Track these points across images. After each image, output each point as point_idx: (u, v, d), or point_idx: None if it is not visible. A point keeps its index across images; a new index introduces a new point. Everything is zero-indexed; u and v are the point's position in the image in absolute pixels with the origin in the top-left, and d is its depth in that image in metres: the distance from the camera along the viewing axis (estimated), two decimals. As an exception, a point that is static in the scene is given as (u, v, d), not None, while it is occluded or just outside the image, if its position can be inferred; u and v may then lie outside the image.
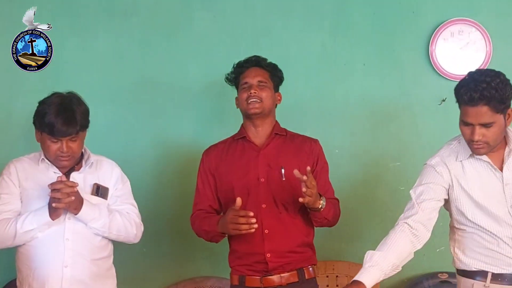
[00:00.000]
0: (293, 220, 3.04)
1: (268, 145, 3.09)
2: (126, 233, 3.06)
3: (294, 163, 3.00)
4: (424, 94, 3.99)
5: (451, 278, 3.85)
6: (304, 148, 3.12)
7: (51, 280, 2.92)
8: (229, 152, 3.13)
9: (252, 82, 3.08)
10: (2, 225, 2.89)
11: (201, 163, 3.19)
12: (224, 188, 3.08)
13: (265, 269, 3.00)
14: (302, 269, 3.04)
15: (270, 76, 3.13)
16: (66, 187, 2.81)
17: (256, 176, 3.03)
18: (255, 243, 2.99)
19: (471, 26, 3.93)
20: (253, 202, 3.00)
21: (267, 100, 3.07)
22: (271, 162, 3.04)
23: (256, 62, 3.15)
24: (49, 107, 2.88)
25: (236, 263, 3.08)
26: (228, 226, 2.89)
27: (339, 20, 4.00)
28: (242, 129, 3.17)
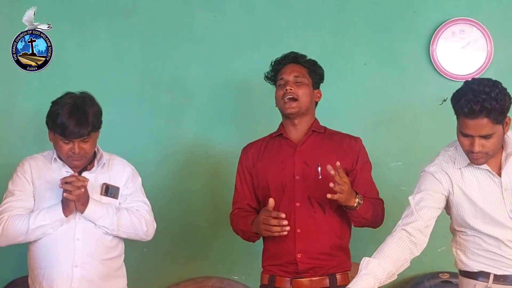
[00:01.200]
0: (328, 221, 2.95)
1: (305, 142, 3.02)
2: (135, 230, 3.05)
3: (332, 160, 2.86)
4: (425, 94, 3.98)
5: (452, 278, 3.85)
6: (343, 145, 3.04)
7: (60, 279, 2.93)
8: (266, 149, 3.07)
9: (288, 78, 2.99)
10: (14, 220, 2.90)
11: (239, 161, 3.14)
12: (261, 186, 3.02)
13: (295, 271, 2.93)
14: (334, 275, 2.95)
15: (308, 72, 3.04)
16: (77, 181, 2.82)
17: (292, 173, 2.96)
18: (286, 242, 2.92)
19: (472, 26, 3.92)
20: (287, 200, 2.94)
21: (304, 97, 2.98)
22: (308, 160, 2.97)
23: (294, 59, 3.06)
24: (62, 108, 2.88)
25: (267, 262, 3.03)
26: (260, 226, 2.86)
27: (340, 20, 4.00)
28: (281, 126, 3.10)
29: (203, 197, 3.95)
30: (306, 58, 3.08)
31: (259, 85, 3.90)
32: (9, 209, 2.94)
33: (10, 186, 3.01)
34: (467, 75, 3.93)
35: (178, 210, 3.94)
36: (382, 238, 3.89)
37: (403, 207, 3.96)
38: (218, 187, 3.89)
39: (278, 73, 3.05)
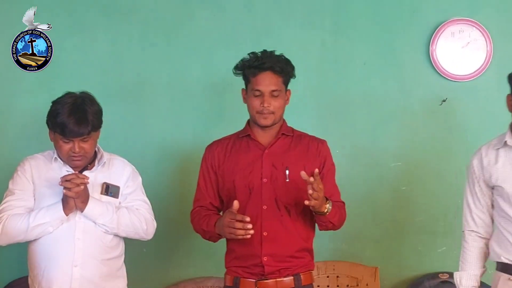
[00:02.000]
0: (294, 224, 2.93)
1: (274, 144, 2.97)
2: (135, 229, 3.05)
3: (300, 164, 2.90)
4: (424, 94, 3.98)
5: (452, 279, 3.84)
6: (311, 149, 3.00)
7: (60, 279, 2.92)
8: (233, 149, 3.02)
9: (265, 90, 2.90)
10: (14, 219, 2.90)
11: (203, 158, 3.09)
12: (226, 187, 2.99)
13: (261, 273, 2.90)
14: (299, 274, 2.93)
15: (283, 81, 2.95)
16: (77, 178, 2.82)
17: (259, 176, 2.93)
18: (252, 245, 2.89)
19: (471, 26, 3.93)
20: (254, 202, 2.91)
21: (279, 111, 2.94)
22: (276, 162, 2.93)
23: (271, 67, 2.90)
24: (62, 107, 2.88)
25: (232, 263, 2.99)
26: (224, 229, 2.82)
27: (340, 19, 4.00)
28: (248, 127, 3.04)
29: (203, 197, 3.95)
30: (281, 64, 2.94)
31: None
32: (9, 208, 2.93)
33: (11, 185, 3.01)
34: (467, 75, 3.94)
35: (178, 210, 3.93)
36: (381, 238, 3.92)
37: (403, 207, 4.00)
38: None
39: (251, 78, 2.93)
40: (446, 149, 3.97)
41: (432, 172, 3.97)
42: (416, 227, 3.97)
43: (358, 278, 3.88)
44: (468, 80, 3.95)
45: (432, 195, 3.97)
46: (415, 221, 3.97)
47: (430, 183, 3.97)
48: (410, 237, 3.97)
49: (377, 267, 3.89)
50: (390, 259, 3.96)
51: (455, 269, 3.89)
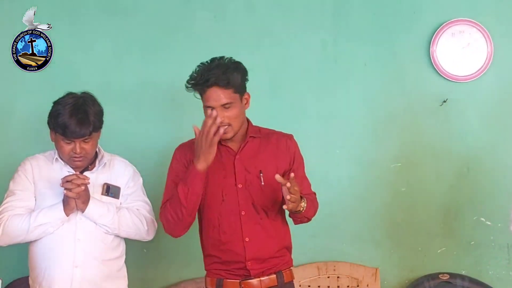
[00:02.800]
0: (273, 224, 2.92)
1: (244, 148, 2.91)
2: (135, 229, 3.05)
3: (272, 164, 2.89)
4: (425, 95, 3.98)
5: (452, 279, 3.86)
6: (280, 147, 2.96)
7: (61, 280, 2.93)
8: None
9: (215, 105, 2.77)
10: (15, 220, 2.90)
11: (174, 157, 2.98)
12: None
13: (246, 274, 2.89)
14: (281, 272, 2.93)
15: (234, 91, 2.81)
16: (78, 179, 2.82)
17: (233, 181, 2.87)
18: (236, 252, 2.86)
19: (472, 27, 3.92)
20: (231, 209, 2.86)
21: (237, 120, 2.83)
22: (248, 166, 2.89)
23: (215, 83, 2.77)
24: (63, 108, 2.89)
25: (214, 267, 2.94)
26: (200, 143, 2.67)
27: (340, 20, 3.99)
28: None
29: (203, 197, 3.95)
30: (227, 75, 2.78)
31: (258, 85, 3.90)
32: (10, 209, 2.94)
33: (11, 186, 3.01)
34: (467, 76, 3.94)
35: (178, 210, 3.94)
36: (381, 239, 3.92)
37: (403, 208, 3.99)
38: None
39: (203, 95, 2.82)
40: (446, 150, 3.96)
41: (432, 173, 3.97)
42: (416, 228, 3.97)
43: (359, 279, 3.88)
44: (469, 81, 3.95)
45: (432, 196, 3.96)
46: (415, 222, 3.96)
47: (430, 184, 3.97)
48: (410, 238, 3.97)
49: (377, 268, 3.89)
50: (390, 260, 3.96)
51: (455, 270, 3.93)
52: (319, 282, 3.87)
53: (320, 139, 3.88)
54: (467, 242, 3.96)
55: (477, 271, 3.92)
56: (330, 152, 3.94)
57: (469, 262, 3.94)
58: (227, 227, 2.87)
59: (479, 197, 3.92)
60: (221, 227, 2.88)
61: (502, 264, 3.93)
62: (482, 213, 3.92)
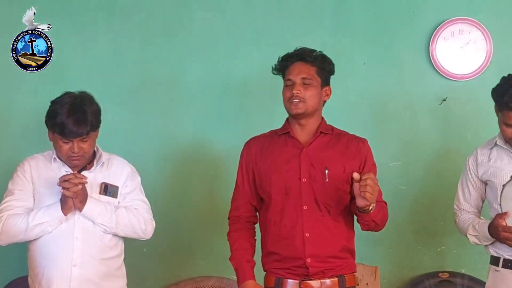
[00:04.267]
0: (335, 224, 2.85)
1: (312, 143, 2.88)
2: (133, 229, 3.05)
3: (339, 163, 2.85)
4: (424, 94, 3.98)
5: (452, 277, 3.86)
6: (351, 148, 2.92)
7: (59, 278, 2.93)
8: (270, 146, 2.93)
9: (295, 79, 2.84)
10: (13, 219, 2.90)
11: (242, 155, 2.99)
12: (264, 185, 2.90)
13: (305, 273, 2.82)
14: (343, 276, 2.85)
15: (316, 71, 2.86)
16: (75, 178, 2.82)
17: (298, 175, 2.84)
18: (295, 247, 2.81)
19: (471, 25, 3.93)
20: (293, 203, 2.83)
21: (311, 99, 2.84)
22: (314, 162, 2.84)
23: (301, 57, 2.87)
24: (61, 107, 2.88)
25: (273, 265, 2.89)
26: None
27: (340, 19, 4.00)
28: (287, 124, 2.95)
29: (203, 196, 3.95)
30: (314, 54, 2.90)
31: (258, 84, 3.92)
32: (8, 208, 2.94)
33: (10, 186, 3.01)
34: (467, 74, 3.94)
35: (178, 209, 3.95)
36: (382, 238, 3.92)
37: (403, 207, 4.00)
38: (217, 187, 3.90)
39: (285, 71, 2.90)
40: (445, 149, 3.97)
41: (431, 171, 3.97)
42: (415, 227, 3.97)
43: (358, 277, 3.81)
44: (468, 80, 3.96)
45: (432, 195, 3.97)
46: (414, 221, 3.97)
47: (429, 182, 3.97)
48: (409, 237, 3.97)
49: (377, 267, 3.88)
50: (390, 259, 3.96)
51: (455, 268, 3.93)
52: (319, 281, 3.87)
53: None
54: (466, 241, 3.93)
55: (477, 270, 3.91)
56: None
57: (468, 261, 3.94)
58: (288, 221, 2.83)
59: (479, 195, 3.92)
60: (283, 221, 2.83)
61: (501, 263, 3.94)
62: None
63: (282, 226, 2.84)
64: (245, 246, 2.91)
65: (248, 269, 2.87)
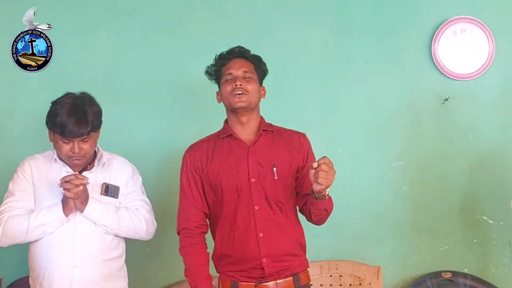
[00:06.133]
0: (287, 220, 2.89)
1: (257, 142, 2.91)
2: (135, 229, 3.05)
3: (285, 159, 2.89)
4: (426, 93, 3.97)
5: (455, 277, 3.85)
6: (293, 143, 2.96)
7: (61, 280, 2.93)
8: (216, 150, 2.94)
9: (236, 73, 2.89)
10: (14, 220, 2.91)
11: (184, 163, 2.98)
12: (213, 189, 2.90)
13: (261, 275, 2.84)
14: (298, 274, 2.89)
15: (255, 68, 2.94)
16: (76, 179, 2.82)
17: (247, 175, 2.86)
18: (249, 248, 2.82)
19: (473, 25, 3.92)
20: (244, 204, 2.84)
21: (253, 93, 2.88)
22: (261, 160, 2.88)
23: (240, 53, 2.95)
24: (61, 107, 2.89)
25: (227, 268, 2.90)
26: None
27: (341, 18, 3.99)
28: (227, 126, 2.97)
29: (205, 196, 3.94)
30: (251, 53, 2.99)
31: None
32: (9, 209, 2.94)
33: (11, 186, 3.01)
34: (469, 74, 3.93)
35: (180, 209, 3.94)
36: (383, 238, 3.91)
37: (405, 206, 3.99)
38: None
39: (222, 68, 2.95)
40: (448, 148, 3.96)
41: (434, 171, 3.96)
42: (418, 226, 3.96)
43: (361, 277, 3.88)
44: (470, 79, 3.94)
45: (434, 194, 3.96)
46: (417, 220, 3.96)
47: (432, 182, 3.96)
48: (412, 236, 3.96)
49: (379, 266, 3.88)
50: (392, 258, 3.96)
51: (458, 268, 3.93)
52: (321, 281, 3.87)
53: (322, 138, 3.86)
54: (469, 240, 3.95)
55: (480, 269, 3.92)
56: (332, 151, 3.90)
57: (471, 260, 3.93)
58: (241, 223, 2.85)
59: (481, 195, 3.92)
60: (236, 223, 2.85)
61: (504, 262, 3.93)
62: (484, 211, 3.92)
63: (235, 228, 2.85)
64: (203, 262, 2.89)
65: (208, 286, 2.83)
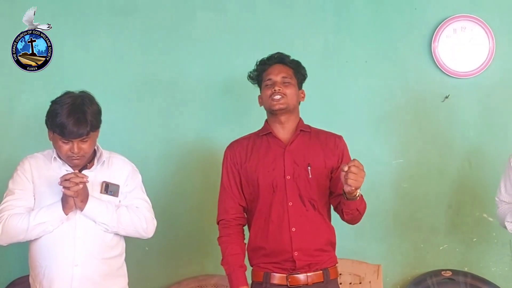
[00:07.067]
0: (319, 218, 3.00)
1: (294, 141, 3.04)
2: (135, 228, 3.05)
3: (320, 159, 3.01)
4: (426, 91, 3.97)
5: (455, 276, 3.85)
6: (329, 144, 3.08)
7: (61, 278, 2.92)
8: (254, 148, 3.08)
9: (276, 78, 3.03)
10: (14, 219, 2.90)
11: (225, 159, 3.12)
12: (250, 185, 3.04)
13: (292, 267, 2.96)
14: (327, 269, 3.00)
15: (294, 73, 3.09)
16: (76, 177, 2.82)
17: (282, 173, 2.99)
18: (282, 242, 2.95)
19: (473, 23, 3.92)
20: (279, 200, 2.97)
21: (291, 96, 3.03)
22: (297, 159, 3.01)
23: (280, 59, 3.10)
24: (61, 107, 2.87)
25: (261, 260, 3.02)
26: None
27: (341, 17, 3.99)
28: (267, 125, 3.11)
29: (204, 194, 3.94)
30: (290, 59, 3.13)
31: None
32: (9, 208, 2.93)
33: (11, 185, 3.01)
34: (469, 72, 3.94)
35: (180, 208, 3.94)
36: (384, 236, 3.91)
37: (405, 204, 3.99)
38: (219, 185, 3.88)
39: (263, 73, 3.10)
40: (448, 146, 3.96)
41: (434, 169, 3.97)
42: (418, 225, 3.97)
43: (361, 276, 3.88)
44: (471, 77, 3.94)
45: (434, 192, 3.96)
46: (417, 219, 3.96)
47: (432, 180, 3.97)
48: (412, 235, 3.97)
49: (379, 265, 3.89)
50: (392, 257, 3.96)
51: (458, 266, 3.93)
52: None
53: (321, 136, 3.88)
54: (469, 239, 3.95)
55: (480, 268, 3.92)
56: (332, 149, 3.94)
57: (471, 259, 3.94)
58: (276, 217, 2.97)
59: (482, 193, 3.91)
60: (271, 217, 2.97)
61: (504, 261, 3.93)
62: (485, 209, 3.92)
63: (270, 221, 2.98)
64: (237, 251, 3.02)
65: (241, 274, 2.98)
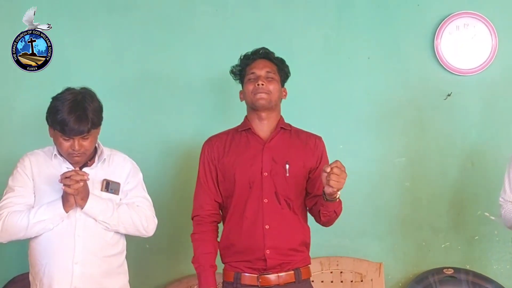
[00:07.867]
0: (294, 218, 2.99)
1: (273, 138, 3.03)
2: (135, 226, 3.05)
3: (299, 159, 3.00)
4: (429, 88, 3.96)
5: (456, 273, 3.85)
6: (309, 144, 3.07)
7: (61, 276, 2.92)
8: (233, 144, 3.07)
9: (259, 73, 3.02)
10: (14, 216, 2.89)
11: (202, 153, 3.12)
12: (227, 181, 3.02)
13: (263, 267, 2.94)
14: (299, 269, 2.98)
15: (277, 69, 3.08)
16: (77, 175, 2.81)
17: (260, 169, 2.97)
18: (255, 239, 2.93)
19: (476, 20, 3.90)
20: (255, 196, 2.96)
21: (274, 92, 3.01)
22: (276, 157, 2.99)
23: (264, 54, 3.09)
24: (62, 104, 2.86)
25: (232, 258, 3.01)
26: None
27: (343, 13, 3.97)
28: (247, 120, 3.10)
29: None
30: (275, 55, 3.12)
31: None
32: (9, 205, 2.93)
33: (11, 182, 3.00)
34: (472, 69, 3.92)
35: (180, 205, 3.94)
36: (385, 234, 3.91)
37: (407, 203, 3.99)
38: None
39: (247, 67, 3.08)
40: (450, 144, 3.95)
41: (436, 167, 3.96)
42: (420, 223, 3.96)
43: (362, 274, 3.88)
44: (473, 74, 3.93)
45: (436, 191, 3.96)
46: (418, 217, 3.96)
47: (434, 178, 3.96)
48: (414, 233, 3.97)
49: (381, 263, 3.89)
50: (394, 255, 3.96)
51: (459, 264, 3.93)
52: (322, 277, 3.87)
53: (323, 134, 3.84)
54: (471, 237, 3.95)
55: (482, 266, 3.93)
56: (333, 147, 3.89)
57: (473, 257, 3.94)
58: (250, 214, 2.95)
59: (483, 191, 3.91)
60: (245, 213, 2.96)
61: (506, 259, 3.93)
62: (486, 207, 3.91)
63: (244, 218, 2.96)
64: (209, 250, 3.02)
65: (211, 274, 2.99)
